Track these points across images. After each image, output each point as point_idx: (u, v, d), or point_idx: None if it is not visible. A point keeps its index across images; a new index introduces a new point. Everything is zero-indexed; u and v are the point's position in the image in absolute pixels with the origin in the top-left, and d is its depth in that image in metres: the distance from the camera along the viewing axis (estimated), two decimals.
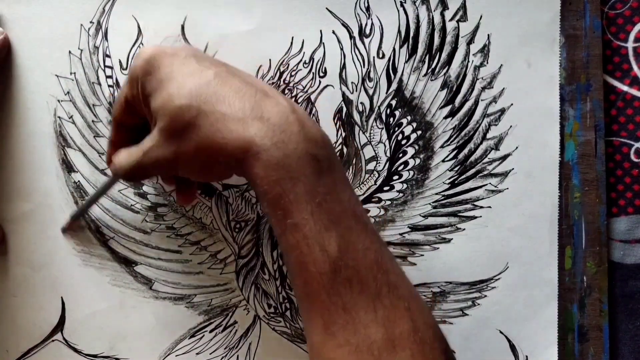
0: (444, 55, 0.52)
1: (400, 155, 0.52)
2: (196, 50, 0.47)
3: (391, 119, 0.52)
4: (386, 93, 0.52)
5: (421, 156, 0.52)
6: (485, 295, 0.52)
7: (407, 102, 0.52)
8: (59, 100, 0.53)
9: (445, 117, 0.52)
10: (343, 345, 0.38)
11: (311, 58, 0.52)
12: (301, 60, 0.52)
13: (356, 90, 0.52)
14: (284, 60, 0.52)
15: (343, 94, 0.52)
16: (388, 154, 0.52)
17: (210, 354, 0.53)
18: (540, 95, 0.51)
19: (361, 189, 0.52)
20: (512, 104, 0.51)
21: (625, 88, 0.52)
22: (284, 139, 0.39)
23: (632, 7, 0.51)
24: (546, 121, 0.51)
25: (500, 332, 0.52)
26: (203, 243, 0.53)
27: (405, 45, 0.52)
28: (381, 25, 0.52)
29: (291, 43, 0.52)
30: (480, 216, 0.52)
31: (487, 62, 0.51)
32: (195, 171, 0.43)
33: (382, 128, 0.52)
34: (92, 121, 0.53)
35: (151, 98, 0.42)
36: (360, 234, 0.41)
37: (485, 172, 0.52)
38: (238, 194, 0.53)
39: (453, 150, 0.52)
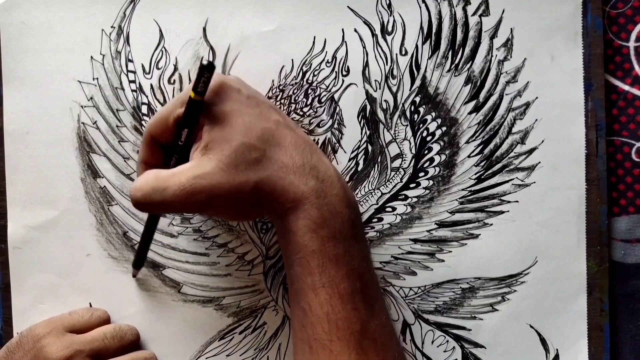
0: (467, 50, 0.51)
1: (426, 151, 0.52)
2: (249, 87, 0.48)
3: (416, 116, 0.52)
4: (410, 90, 0.52)
5: (447, 152, 0.52)
6: (515, 290, 0.52)
7: (431, 98, 0.52)
8: (82, 106, 0.53)
9: (470, 113, 0.52)
10: None
11: (334, 57, 0.52)
12: (324, 59, 0.52)
13: (380, 88, 0.52)
14: (306, 60, 0.52)
15: (366, 92, 0.52)
16: (413, 151, 0.52)
17: (240, 355, 0.53)
18: (564, 87, 0.51)
19: (387, 186, 0.52)
20: (536, 98, 0.51)
21: (626, 87, 0.52)
22: (332, 201, 0.44)
23: (633, 7, 0.51)
24: (571, 113, 0.51)
25: (531, 327, 0.52)
26: (230, 245, 0.53)
27: (428, 42, 0.51)
28: (403, 22, 0.51)
29: (313, 42, 0.52)
30: (508, 211, 0.52)
31: (511, 56, 0.51)
32: (234, 207, 0.45)
33: (407, 125, 0.52)
34: (117, 126, 0.53)
35: (210, 126, 0.44)
36: (382, 305, 0.47)
37: (511, 167, 0.52)
38: None
39: (479, 145, 0.52)
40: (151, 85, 0.53)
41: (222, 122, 0.44)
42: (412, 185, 0.52)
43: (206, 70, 0.43)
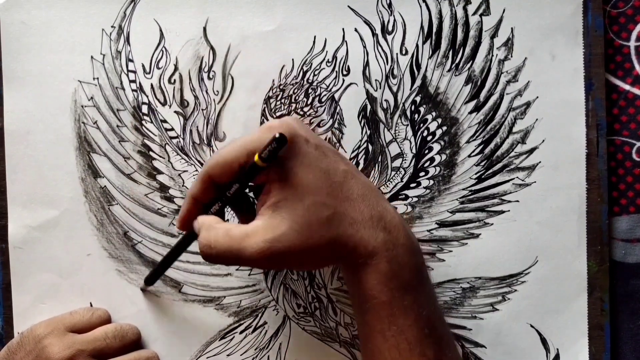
0: (468, 49, 0.51)
1: (426, 151, 0.52)
2: (312, 132, 0.48)
3: (416, 116, 0.52)
4: (410, 89, 0.52)
5: (447, 152, 0.52)
6: (516, 290, 0.52)
7: (431, 98, 0.52)
8: (82, 106, 0.53)
9: (471, 112, 0.52)
10: None
11: (334, 56, 0.52)
12: (324, 59, 0.52)
13: (380, 88, 0.52)
14: (306, 60, 0.52)
15: (367, 92, 0.52)
16: (414, 151, 0.52)
17: (240, 355, 0.53)
18: (565, 87, 0.51)
19: (387, 186, 0.52)
20: (537, 97, 0.51)
21: (627, 87, 0.52)
22: (400, 252, 0.44)
23: (634, 6, 0.51)
24: (572, 113, 0.51)
25: (531, 326, 0.52)
26: None
27: (429, 41, 0.51)
28: (403, 22, 0.51)
29: (313, 42, 0.52)
30: (509, 210, 0.52)
31: (512, 56, 0.51)
32: (309, 262, 0.46)
33: (407, 125, 0.52)
34: (117, 126, 0.53)
35: (281, 183, 0.44)
36: (449, 342, 0.46)
37: (512, 166, 0.52)
38: None
39: (479, 145, 0.52)
40: (151, 85, 0.53)
41: (292, 179, 0.44)
42: (412, 185, 0.52)
43: (277, 142, 0.42)
